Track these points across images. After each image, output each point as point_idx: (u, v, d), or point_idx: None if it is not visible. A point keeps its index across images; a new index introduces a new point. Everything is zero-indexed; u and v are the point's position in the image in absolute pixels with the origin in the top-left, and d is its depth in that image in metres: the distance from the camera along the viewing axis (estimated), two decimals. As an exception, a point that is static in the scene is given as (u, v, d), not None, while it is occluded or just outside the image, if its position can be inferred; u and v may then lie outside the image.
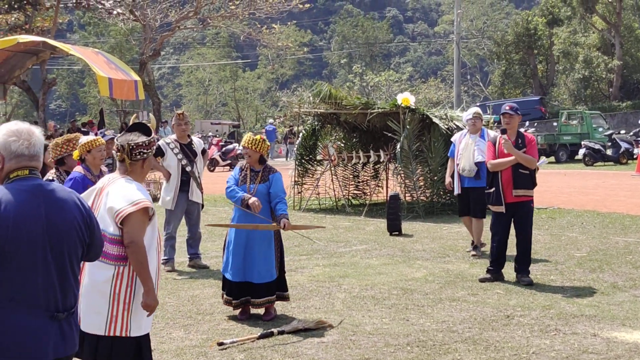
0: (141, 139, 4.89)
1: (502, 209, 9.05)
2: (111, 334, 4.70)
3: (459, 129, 14.19)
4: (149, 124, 5.08)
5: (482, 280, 9.16)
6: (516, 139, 9.07)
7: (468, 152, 10.96)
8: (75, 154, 7.46)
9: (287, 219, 7.56)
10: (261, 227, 7.54)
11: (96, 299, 4.71)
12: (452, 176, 11.35)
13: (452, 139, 11.65)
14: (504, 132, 9.08)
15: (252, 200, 7.46)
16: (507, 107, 9.18)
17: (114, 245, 4.71)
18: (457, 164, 11.07)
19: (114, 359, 4.75)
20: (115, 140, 5.02)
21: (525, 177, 9.00)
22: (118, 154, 4.92)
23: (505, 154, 9.02)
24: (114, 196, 4.75)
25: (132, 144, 4.85)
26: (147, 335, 4.92)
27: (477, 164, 10.91)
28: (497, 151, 9.12)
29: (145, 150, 4.88)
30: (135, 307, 4.74)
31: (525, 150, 9.00)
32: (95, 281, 4.73)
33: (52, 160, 7.73)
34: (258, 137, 7.70)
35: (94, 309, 4.71)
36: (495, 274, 9.22)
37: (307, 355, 6.48)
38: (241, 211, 7.61)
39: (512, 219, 9.15)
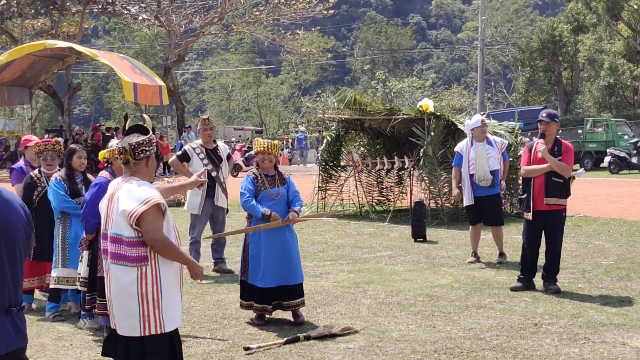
0: (141, 137, 4.95)
1: (529, 216, 8.96)
2: (147, 334, 4.79)
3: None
4: (144, 125, 5.13)
5: (514, 289, 9.03)
6: (552, 146, 8.92)
7: (482, 160, 10.85)
8: (102, 155, 7.45)
9: (297, 213, 7.74)
10: (271, 226, 7.53)
11: (126, 302, 4.80)
12: (459, 187, 11.25)
13: (456, 149, 11.42)
14: (542, 136, 8.96)
15: (274, 214, 7.55)
16: (544, 114, 9.02)
17: (132, 248, 4.79)
18: (471, 174, 10.94)
19: (148, 358, 4.83)
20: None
21: (558, 186, 8.87)
22: (121, 156, 4.96)
23: (539, 161, 8.93)
24: (125, 199, 4.81)
25: (134, 144, 4.91)
26: (177, 330, 4.98)
27: (492, 172, 10.84)
28: (532, 157, 9.04)
29: (147, 148, 4.94)
30: (164, 303, 4.83)
31: (560, 158, 8.87)
32: (121, 285, 4.81)
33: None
34: (276, 141, 7.81)
35: (126, 312, 4.81)
36: (526, 282, 9.09)
37: (334, 361, 6.46)
38: (261, 222, 7.62)
39: (543, 228, 9.05)
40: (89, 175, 8.36)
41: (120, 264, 4.80)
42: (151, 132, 5.08)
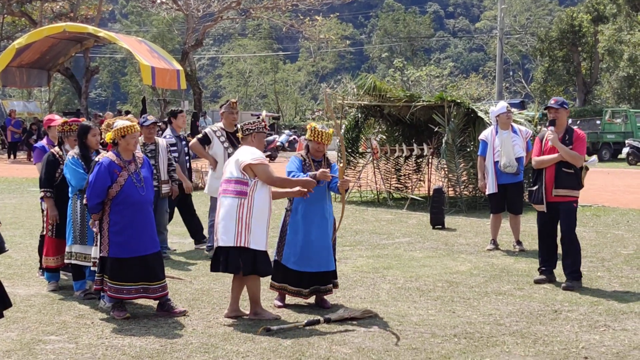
0: (249, 121, 7.46)
1: (543, 207, 8.72)
2: (237, 245, 6.95)
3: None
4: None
5: (537, 282, 8.78)
6: (564, 135, 8.64)
7: (507, 147, 10.79)
8: (108, 136, 7.36)
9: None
10: (318, 177, 7.46)
11: (228, 221, 7.01)
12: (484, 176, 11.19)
13: (480, 137, 11.38)
14: (552, 123, 8.69)
15: (320, 170, 7.47)
16: (553, 101, 8.76)
17: (235, 184, 7.07)
18: (496, 162, 10.89)
19: (242, 263, 6.99)
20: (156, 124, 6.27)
21: (568, 177, 8.58)
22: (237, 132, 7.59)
23: (550, 151, 8.66)
24: (242, 153, 7.17)
25: (242, 124, 7.45)
26: (265, 252, 7.12)
27: (517, 159, 10.79)
28: (543, 147, 8.80)
29: (250, 127, 7.38)
30: (253, 229, 6.99)
31: (572, 147, 8.60)
32: (226, 209, 7.04)
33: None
34: (330, 130, 7.70)
35: (226, 229, 6.99)
36: (548, 274, 8.86)
37: (354, 343, 6.47)
38: (304, 199, 7.55)
39: (557, 218, 8.78)
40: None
41: (227, 196, 7.07)
42: (260, 118, 7.57)
